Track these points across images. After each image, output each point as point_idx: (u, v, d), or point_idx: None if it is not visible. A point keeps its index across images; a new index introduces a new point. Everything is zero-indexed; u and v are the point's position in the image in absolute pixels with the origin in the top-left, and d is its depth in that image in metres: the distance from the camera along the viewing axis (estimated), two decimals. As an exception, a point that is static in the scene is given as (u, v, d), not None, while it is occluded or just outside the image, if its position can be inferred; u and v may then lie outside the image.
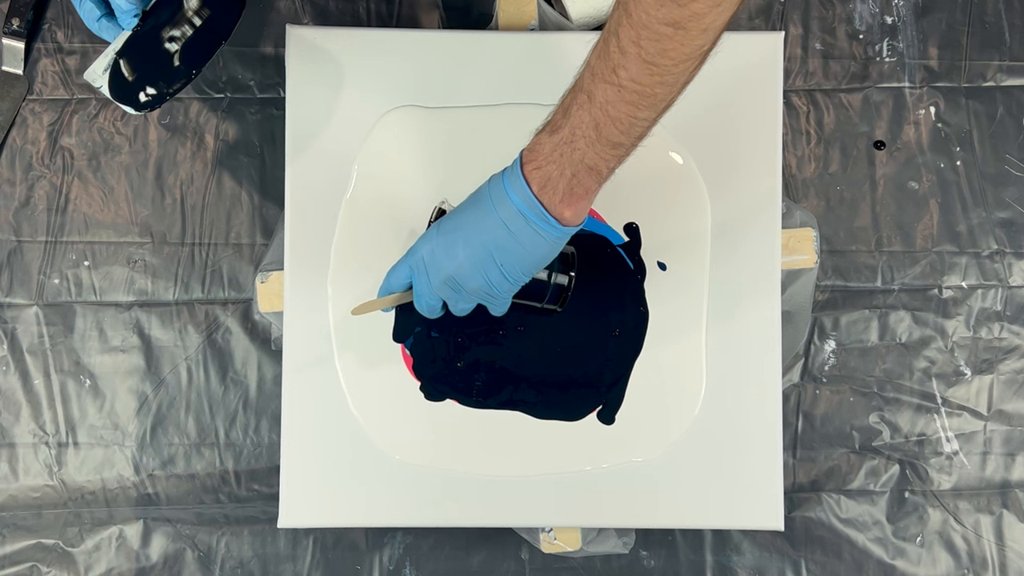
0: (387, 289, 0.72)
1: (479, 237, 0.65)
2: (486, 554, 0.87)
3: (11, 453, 0.87)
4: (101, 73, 0.68)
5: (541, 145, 0.63)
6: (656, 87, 0.57)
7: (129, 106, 0.69)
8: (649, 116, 0.59)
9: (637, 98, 0.58)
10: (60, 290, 0.88)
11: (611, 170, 0.62)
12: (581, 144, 0.60)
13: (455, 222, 0.67)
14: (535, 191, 0.63)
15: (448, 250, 0.66)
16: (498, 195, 0.64)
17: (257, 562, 0.87)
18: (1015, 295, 0.89)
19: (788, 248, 0.84)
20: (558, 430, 0.82)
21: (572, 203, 0.63)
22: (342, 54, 0.83)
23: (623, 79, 0.57)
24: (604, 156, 0.61)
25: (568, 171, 0.62)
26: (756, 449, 0.82)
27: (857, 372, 0.88)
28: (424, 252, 0.68)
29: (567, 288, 0.73)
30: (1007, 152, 0.90)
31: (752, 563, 0.87)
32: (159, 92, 0.69)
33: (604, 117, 0.59)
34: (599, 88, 0.58)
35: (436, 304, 0.70)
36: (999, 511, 0.88)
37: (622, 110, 0.58)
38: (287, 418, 0.81)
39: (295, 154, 0.82)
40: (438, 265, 0.67)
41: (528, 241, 0.64)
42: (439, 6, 0.89)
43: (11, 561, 0.86)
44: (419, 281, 0.69)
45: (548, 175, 0.62)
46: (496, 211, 0.64)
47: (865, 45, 0.90)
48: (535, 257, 0.65)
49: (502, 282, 0.66)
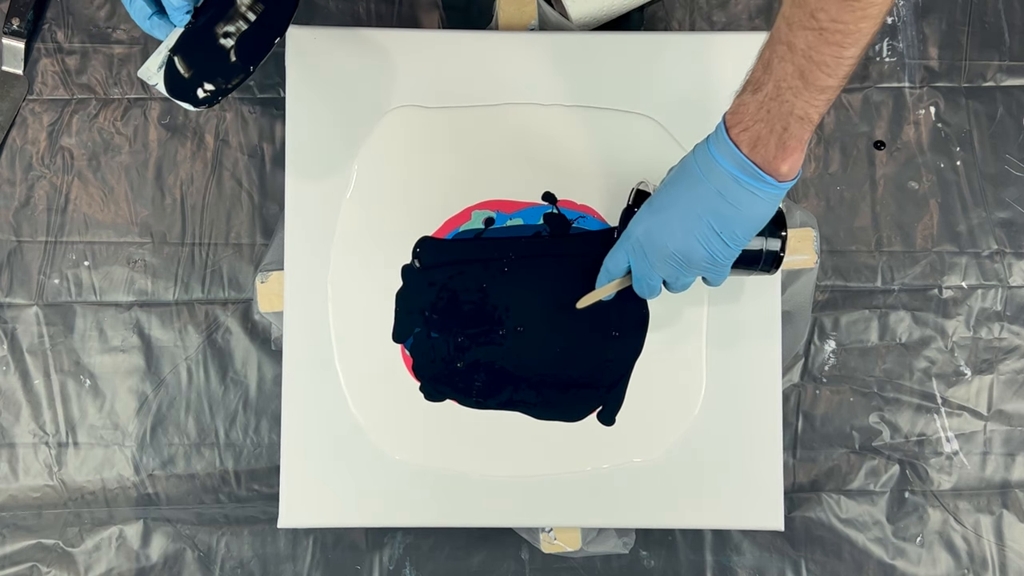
0: (607, 276, 0.73)
1: (694, 208, 0.65)
2: (486, 554, 0.87)
3: (11, 453, 0.87)
4: (156, 71, 0.68)
5: (745, 106, 0.62)
6: (860, 22, 0.56)
7: (187, 103, 0.69)
8: (856, 53, 0.58)
9: (841, 37, 0.57)
10: (60, 290, 0.88)
11: (821, 115, 0.61)
12: (788, 96, 0.60)
13: (666, 198, 0.66)
14: (746, 152, 0.62)
15: (665, 227, 0.66)
16: (706, 163, 0.64)
17: (257, 562, 0.87)
18: (1015, 295, 0.89)
19: (788, 248, 0.84)
20: (558, 430, 0.82)
21: (787, 157, 0.62)
22: (342, 54, 0.83)
23: (823, 21, 0.56)
24: (814, 103, 0.60)
25: (779, 125, 0.61)
26: (756, 449, 0.82)
27: (857, 372, 0.88)
28: (639, 233, 0.68)
29: (781, 250, 0.72)
30: (1007, 152, 0.90)
31: (752, 563, 0.87)
32: (217, 88, 0.69)
33: (808, 64, 0.58)
34: (799, 36, 0.58)
35: (657, 284, 0.70)
36: (999, 511, 0.88)
37: (827, 53, 0.57)
38: (287, 418, 0.81)
39: (295, 154, 0.82)
40: (657, 243, 0.67)
41: (746, 203, 0.64)
42: (439, 6, 0.89)
43: (11, 561, 0.86)
44: (638, 263, 0.69)
45: (758, 134, 0.62)
46: (707, 179, 0.64)
47: (865, 45, 0.90)
48: (755, 219, 0.65)
49: (724, 249, 0.66)
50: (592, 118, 0.82)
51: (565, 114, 0.83)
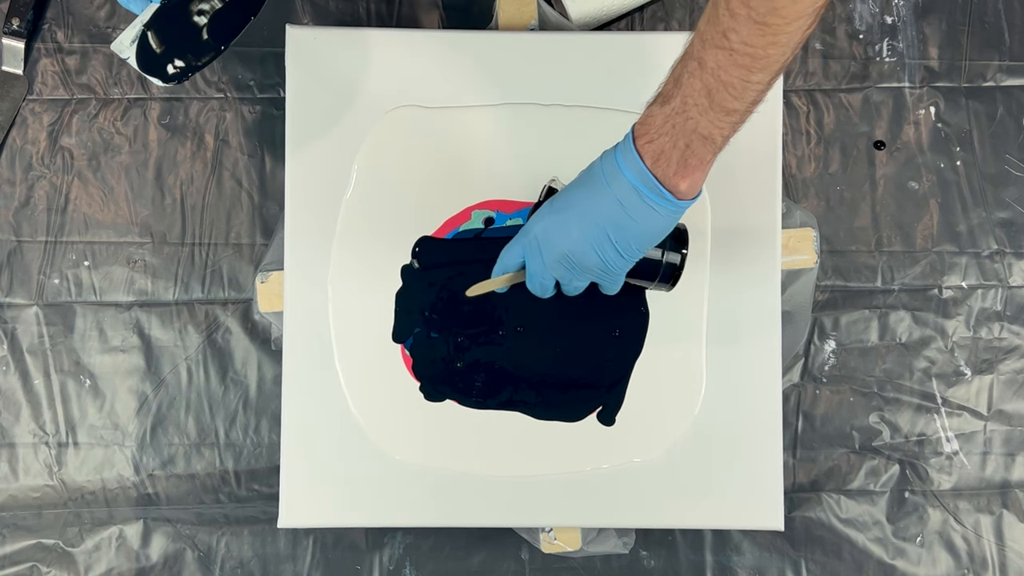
0: (501, 269, 0.72)
1: (593, 214, 0.64)
2: (486, 554, 0.87)
3: (11, 453, 0.87)
4: (128, 44, 0.68)
5: (653, 117, 0.62)
6: (768, 48, 0.56)
7: (157, 78, 0.69)
8: (763, 79, 0.58)
9: (750, 61, 0.57)
10: (60, 290, 0.88)
11: (725, 138, 0.61)
12: (694, 113, 0.59)
13: (568, 200, 0.66)
14: (648, 165, 0.62)
15: (562, 228, 0.66)
16: (611, 171, 0.63)
17: (257, 562, 0.87)
18: (1015, 295, 0.89)
19: (788, 248, 0.84)
20: (558, 430, 0.82)
21: (687, 175, 0.62)
22: (342, 54, 0.83)
23: (734, 42, 0.56)
24: (718, 124, 0.60)
25: (681, 142, 0.60)
26: (756, 449, 0.82)
27: (857, 372, 0.88)
28: (537, 231, 0.68)
29: (679, 267, 0.72)
30: (1007, 152, 0.90)
31: (752, 563, 0.87)
32: (187, 65, 0.69)
33: (716, 83, 0.58)
34: (710, 54, 0.57)
35: (549, 283, 0.70)
36: (999, 511, 0.88)
37: (735, 74, 0.57)
38: (287, 418, 0.81)
39: (295, 154, 0.82)
40: (552, 244, 0.67)
41: (643, 216, 0.63)
42: (439, 6, 0.89)
43: (11, 561, 0.86)
44: (532, 260, 0.69)
45: (661, 147, 0.61)
46: (610, 187, 0.63)
47: (865, 45, 0.90)
48: (651, 233, 0.65)
49: (617, 259, 0.66)
50: (592, 118, 0.82)
51: (565, 114, 0.83)
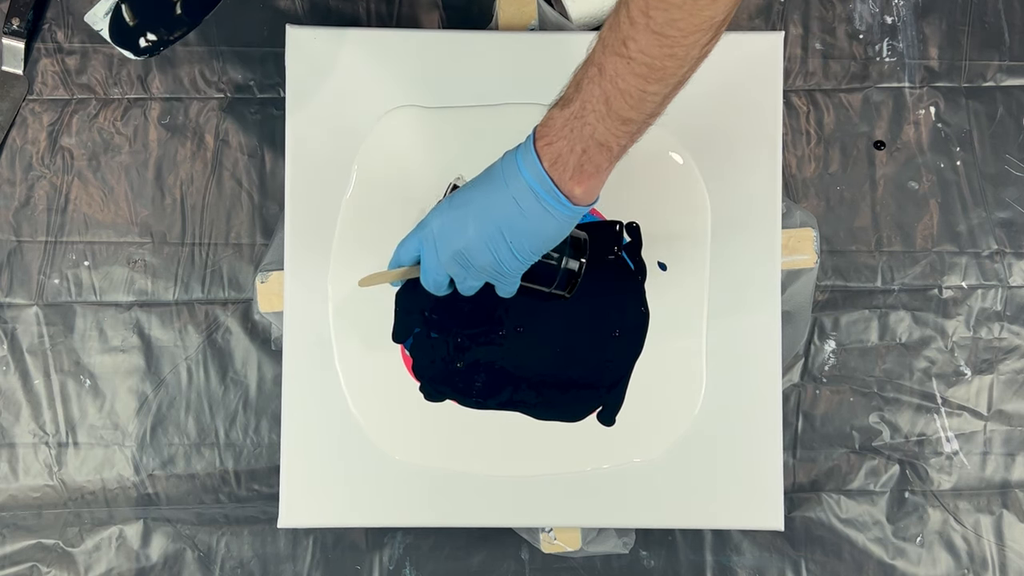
0: (396, 262, 0.72)
1: (489, 213, 0.64)
2: (486, 554, 0.87)
3: (11, 453, 0.87)
4: (102, 16, 0.68)
5: (553, 120, 0.61)
6: (666, 60, 0.56)
7: (129, 51, 0.69)
8: (659, 90, 0.58)
9: (647, 71, 0.56)
10: (60, 290, 0.88)
11: (622, 147, 0.61)
12: (591, 119, 0.59)
13: (466, 196, 0.66)
14: (546, 167, 0.61)
15: (458, 224, 0.65)
16: (510, 170, 0.63)
17: (257, 562, 0.87)
18: (1015, 295, 0.89)
19: (788, 248, 0.84)
20: (558, 430, 0.82)
21: (582, 180, 0.62)
22: (342, 54, 0.83)
23: (632, 51, 0.56)
24: (614, 132, 0.60)
25: (578, 147, 0.60)
26: (756, 449, 0.82)
27: (857, 372, 0.88)
28: (434, 226, 0.67)
29: (577, 274, 0.72)
30: (1007, 152, 0.90)
31: (752, 563, 0.87)
32: (159, 39, 0.69)
33: (614, 90, 0.58)
34: (609, 60, 0.57)
35: (443, 280, 0.69)
36: (999, 511, 0.88)
37: (632, 83, 0.57)
38: (287, 418, 0.81)
39: (295, 154, 0.82)
40: (447, 240, 0.66)
41: (538, 219, 0.63)
42: (439, 6, 0.89)
43: (11, 561, 0.86)
44: (427, 255, 0.68)
45: (559, 151, 0.61)
46: (507, 186, 0.63)
47: (865, 45, 0.90)
48: (544, 236, 0.64)
49: (511, 260, 0.65)
50: (592, 118, 0.82)
51: (565, 114, 0.83)
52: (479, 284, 0.69)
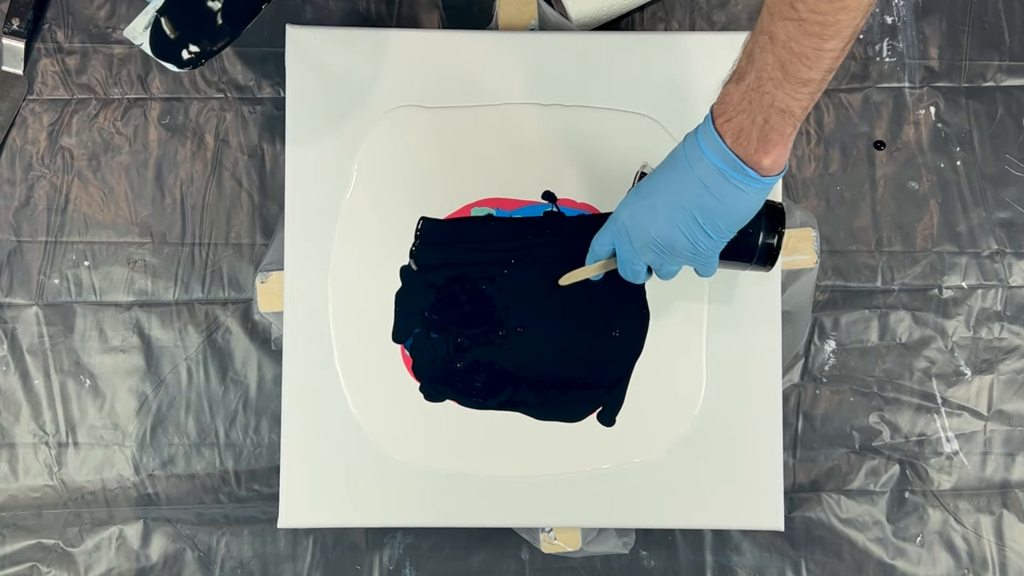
0: (594, 257, 0.72)
1: (678, 198, 0.64)
2: (486, 554, 0.87)
3: (11, 453, 0.87)
4: (142, 31, 0.68)
5: (729, 95, 0.61)
6: (838, 13, 0.55)
7: (172, 63, 0.69)
8: (836, 46, 0.57)
9: (820, 29, 0.56)
10: (60, 290, 0.88)
11: (804, 109, 0.60)
12: (769, 87, 0.59)
13: (653, 185, 0.66)
14: (729, 144, 0.61)
15: (648, 213, 0.65)
16: (693, 153, 0.63)
17: (257, 562, 0.87)
18: (1015, 295, 0.89)
19: (788, 248, 0.84)
20: (558, 430, 0.82)
21: (769, 150, 0.61)
22: (342, 54, 0.83)
23: (803, 12, 0.56)
24: (795, 95, 0.59)
25: (760, 117, 0.60)
26: (756, 449, 0.82)
27: (857, 372, 0.88)
28: (625, 217, 0.67)
29: (775, 246, 0.70)
30: (1007, 152, 0.90)
31: (752, 563, 0.87)
32: (202, 50, 0.69)
33: (789, 55, 0.57)
34: (779, 26, 0.57)
35: (641, 269, 0.69)
36: (999, 511, 0.88)
37: (806, 44, 0.57)
38: (287, 418, 0.81)
39: (295, 154, 0.82)
40: (640, 229, 0.66)
41: (729, 196, 0.63)
42: (439, 6, 0.89)
43: (11, 561, 0.86)
44: (622, 247, 0.68)
45: (740, 125, 0.61)
46: (692, 169, 0.63)
47: (865, 45, 0.90)
48: (738, 212, 0.64)
49: (707, 240, 0.65)
50: (592, 118, 0.83)
51: (565, 114, 0.83)
52: (678, 269, 0.69)
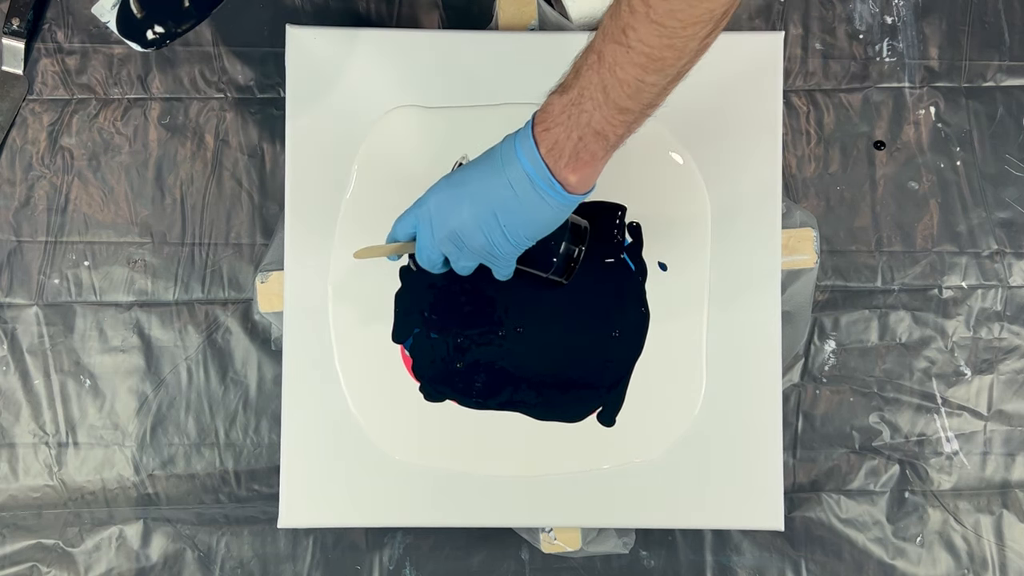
0: (393, 237, 0.72)
1: (485, 195, 0.64)
2: (486, 554, 0.87)
3: (11, 453, 0.87)
4: (109, 8, 0.68)
5: (552, 106, 0.61)
6: (664, 50, 0.56)
7: (136, 43, 0.69)
8: (657, 81, 0.57)
9: (645, 60, 0.56)
10: (60, 290, 0.87)
11: (619, 137, 0.61)
12: (588, 106, 0.59)
13: (465, 176, 0.66)
14: (543, 153, 0.61)
15: (454, 204, 0.66)
16: (508, 154, 0.63)
17: (257, 562, 0.87)
18: (1015, 295, 0.89)
19: (788, 248, 0.84)
20: (558, 430, 0.82)
21: (578, 168, 0.61)
22: (342, 54, 0.83)
23: (631, 40, 0.56)
24: (611, 121, 0.59)
25: (575, 134, 0.60)
26: (756, 449, 0.82)
27: (857, 372, 0.88)
28: (431, 203, 0.67)
29: (574, 260, 0.72)
30: (1007, 152, 0.90)
31: (752, 563, 0.87)
32: (167, 31, 0.69)
33: (612, 79, 0.58)
34: (608, 48, 0.57)
35: (437, 259, 0.69)
36: (999, 511, 0.88)
37: (630, 72, 0.57)
38: (287, 418, 0.81)
39: (295, 154, 0.82)
40: (443, 219, 0.66)
41: (532, 205, 0.63)
42: (439, 6, 0.89)
43: (11, 561, 0.86)
44: (423, 233, 0.69)
45: (556, 137, 0.61)
46: (504, 171, 0.63)
47: (865, 45, 0.90)
48: (539, 222, 0.64)
49: (504, 244, 0.66)
50: (592, 118, 0.82)
51: (565, 114, 0.82)
52: (473, 265, 0.69)
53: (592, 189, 0.64)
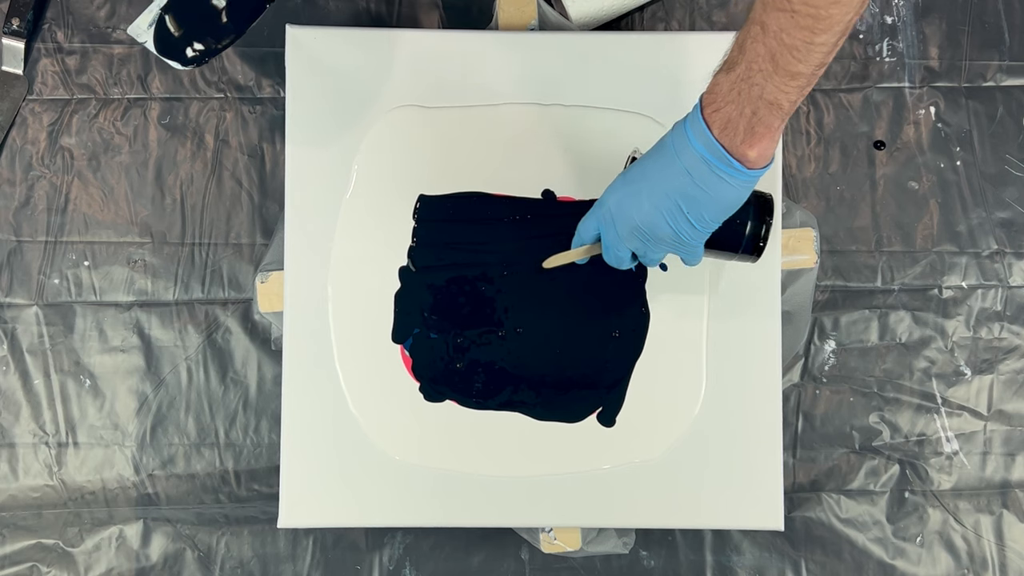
0: (579, 241, 0.72)
1: (663, 186, 0.64)
2: (486, 554, 0.87)
3: (11, 453, 0.87)
4: (146, 28, 0.68)
5: (719, 85, 0.60)
6: (831, 7, 0.55)
7: (176, 61, 0.69)
8: (827, 40, 0.57)
9: (812, 22, 0.55)
10: (60, 290, 0.88)
11: (792, 103, 0.60)
12: (759, 78, 0.58)
13: (640, 171, 0.66)
14: (716, 134, 0.61)
15: (634, 200, 0.65)
16: (680, 141, 0.63)
17: (257, 562, 0.87)
18: (1015, 295, 0.89)
19: (788, 248, 0.84)
20: (558, 430, 0.82)
21: (755, 143, 0.60)
22: (342, 54, 0.83)
23: (796, 3, 0.55)
24: (784, 88, 0.58)
25: (748, 109, 0.59)
26: (756, 449, 0.82)
27: (857, 372, 0.88)
28: (611, 203, 0.67)
29: (762, 236, 0.70)
30: (1007, 152, 0.90)
31: (752, 563, 0.87)
32: (207, 47, 0.69)
33: (779, 46, 0.57)
34: (771, 17, 0.56)
35: (625, 255, 0.69)
36: (999, 511, 0.88)
37: (797, 36, 0.56)
38: (287, 418, 0.81)
39: (295, 154, 0.82)
40: (625, 216, 0.66)
41: (713, 187, 0.62)
42: (439, 6, 0.89)
43: (11, 561, 0.86)
44: (607, 232, 0.68)
45: (728, 116, 0.60)
46: (679, 158, 0.62)
47: (865, 45, 0.90)
48: (723, 203, 0.63)
49: (690, 230, 0.65)
50: (592, 118, 0.82)
51: (565, 114, 0.83)
52: (661, 256, 0.69)
53: (772, 161, 0.63)
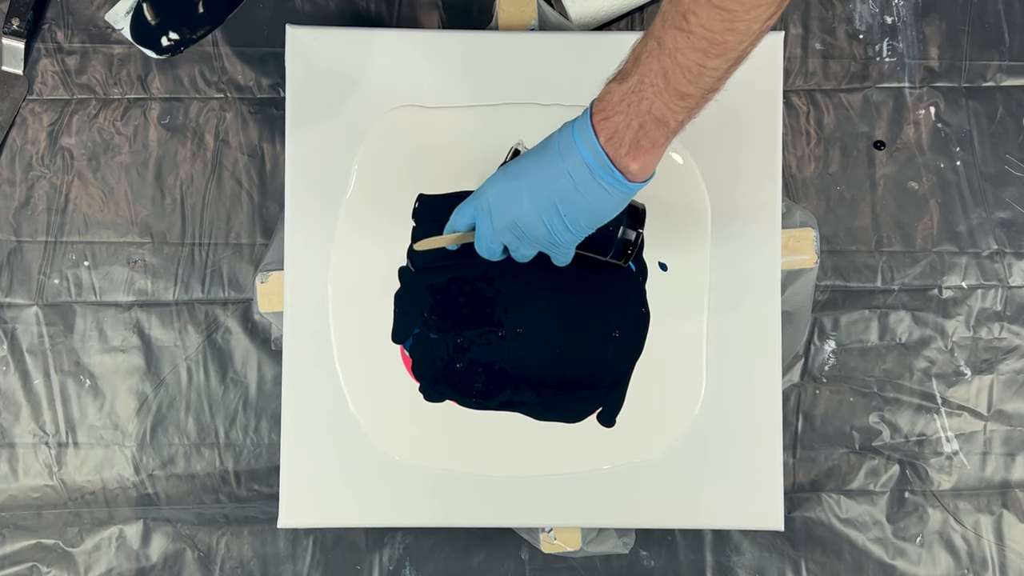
0: (452, 228, 0.72)
1: (544, 186, 0.64)
2: (486, 554, 0.87)
3: (11, 453, 0.87)
4: (123, 15, 0.68)
5: (610, 94, 0.61)
6: (726, 34, 0.55)
7: (150, 50, 0.69)
8: (719, 66, 0.57)
9: (707, 45, 0.56)
10: (60, 290, 0.88)
11: (680, 123, 0.60)
12: (649, 93, 0.59)
13: (522, 167, 0.66)
14: (602, 142, 0.61)
15: (513, 196, 0.66)
16: (566, 144, 0.63)
17: (257, 562, 0.87)
18: (1015, 295, 0.89)
19: (788, 248, 0.84)
20: (557, 431, 0.82)
21: (638, 156, 0.61)
22: (342, 54, 0.83)
23: (693, 25, 0.56)
24: (672, 107, 0.59)
25: (635, 122, 0.60)
26: (756, 449, 0.82)
27: (857, 372, 0.88)
28: (490, 195, 0.67)
29: (633, 244, 0.72)
30: (1007, 152, 0.90)
31: (752, 563, 0.87)
32: (182, 37, 0.69)
33: (673, 65, 0.57)
34: (669, 35, 0.57)
35: (497, 248, 0.69)
36: (999, 511, 0.88)
37: (691, 58, 0.57)
38: (287, 418, 0.81)
39: (295, 154, 0.82)
40: (502, 210, 0.66)
41: (592, 194, 0.63)
42: (439, 6, 0.89)
43: (11, 561, 0.86)
44: (482, 224, 0.69)
45: (616, 126, 0.60)
46: (563, 160, 0.63)
47: (865, 45, 0.90)
48: (599, 211, 0.64)
49: (564, 233, 0.66)
50: (592, 118, 0.82)
51: (565, 114, 0.82)
52: (532, 253, 0.69)
53: (652, 176, 0.64)
